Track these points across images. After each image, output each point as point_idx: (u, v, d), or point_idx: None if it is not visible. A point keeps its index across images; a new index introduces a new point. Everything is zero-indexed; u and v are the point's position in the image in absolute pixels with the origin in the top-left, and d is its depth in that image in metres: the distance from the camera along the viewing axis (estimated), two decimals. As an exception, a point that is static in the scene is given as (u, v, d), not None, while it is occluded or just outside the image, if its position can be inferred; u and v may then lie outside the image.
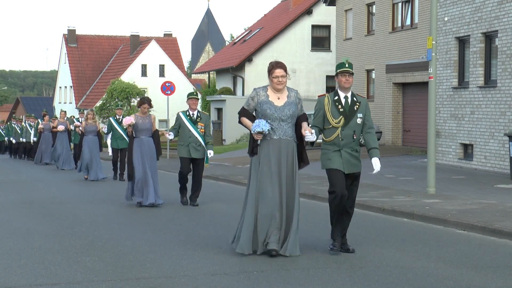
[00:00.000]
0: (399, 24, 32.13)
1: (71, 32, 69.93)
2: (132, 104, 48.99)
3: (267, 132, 8.53)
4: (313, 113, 8.89)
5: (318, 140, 8.87)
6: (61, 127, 26.31)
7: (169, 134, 14.06)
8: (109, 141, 21.02)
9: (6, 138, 40.45)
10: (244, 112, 8.89)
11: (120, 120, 20.74)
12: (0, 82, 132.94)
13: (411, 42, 30.57)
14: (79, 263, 8.25)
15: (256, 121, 8.58)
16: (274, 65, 8.75)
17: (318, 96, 8.97)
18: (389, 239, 9.92)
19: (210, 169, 22.09)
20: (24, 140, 33.87)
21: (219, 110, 43.29)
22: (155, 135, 14.32)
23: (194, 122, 14.04)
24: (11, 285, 7.22)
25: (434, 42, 14.87)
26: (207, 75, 55.33)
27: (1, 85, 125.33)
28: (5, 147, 43.13)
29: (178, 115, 14.14)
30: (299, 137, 8.79)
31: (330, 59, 42.59)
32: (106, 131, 21.11)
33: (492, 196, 14.45)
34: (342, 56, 37.09)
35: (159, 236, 10.18)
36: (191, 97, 14.14)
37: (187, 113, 14.12)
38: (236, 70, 44.41)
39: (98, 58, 69.62)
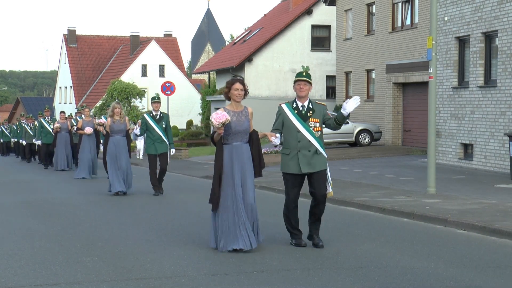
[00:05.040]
0: (399, 24, 32.15)
1: (71, 32, 69.91)
2: (132, 104, 48.92)
3: None
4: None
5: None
6: (88, 130, 21.29)
7: (276, 137, 8.99)
8: (141, 144, 16.01)
9: (14, 139, 37.60)
10: None
11: (158, 116, 15.94)
12: (0, 82, 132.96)
13: (411, 42, 30.59)
14: (79, 263, 8.25)
15: None
16: None
17: None
18: (389, 239, 9.91)
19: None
20: (37, 142, 29.25)
21: (219, 110, 43.26)
22: (255, 140, 9.07)
23: (303, 118, 9.17)
24: (11, 285, 7.22)
25: (434, 42, 14.88)
26: (207, 75, 55.29)
27: (1, 85, 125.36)
28: (7, 148, 42.06)
29: (280, 108, 9.32)
30: None
31: (330, 59, 42.60)
32: (138, 133, 15.82)
33: (492, 196, 14.45)
34: (342, 56, 37.18)
35: (159, 236, 10.18)
36: (298, 78, 9.19)
37: (293, 105, 9.26)
38: (236, 70, 44.39)
39: (98, 58, 69.60)
